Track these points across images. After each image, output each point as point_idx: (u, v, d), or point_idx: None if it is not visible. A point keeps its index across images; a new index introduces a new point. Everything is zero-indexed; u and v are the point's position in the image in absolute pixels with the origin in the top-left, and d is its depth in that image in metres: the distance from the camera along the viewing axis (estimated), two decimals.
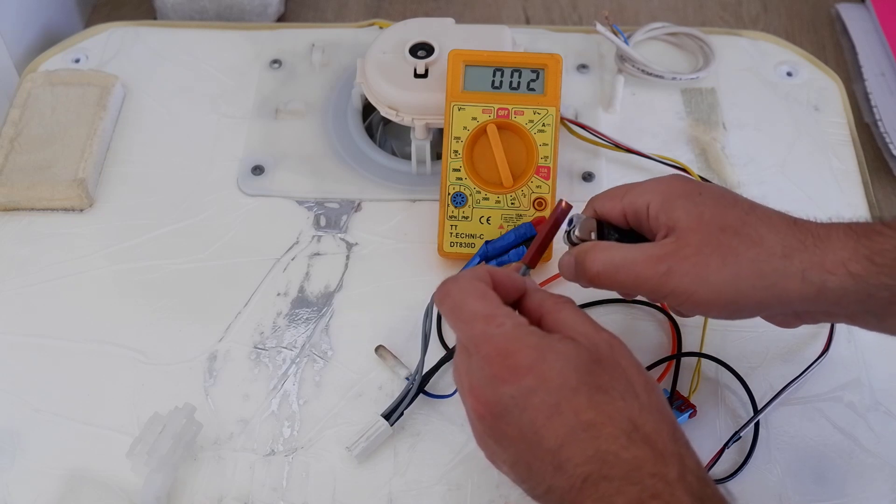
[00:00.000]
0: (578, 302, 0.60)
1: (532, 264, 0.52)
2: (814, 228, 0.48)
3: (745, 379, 0.57)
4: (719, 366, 0.58)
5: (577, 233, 0.53)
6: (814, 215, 0.65)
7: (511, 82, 0.63)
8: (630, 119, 0.72)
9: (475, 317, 0.45)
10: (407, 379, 0.57)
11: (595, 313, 0.60)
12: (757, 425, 0.56)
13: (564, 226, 0.53)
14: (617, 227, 0.53)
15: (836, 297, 0.47)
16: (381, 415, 0.55)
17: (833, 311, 0.49)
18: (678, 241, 0.48)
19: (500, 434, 0.44)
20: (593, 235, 0.53)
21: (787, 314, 0.52)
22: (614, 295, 0.57)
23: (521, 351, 0.44)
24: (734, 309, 0.48)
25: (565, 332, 0.45)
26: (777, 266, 0.47)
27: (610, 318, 0.60)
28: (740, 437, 0.55)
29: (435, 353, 0.58)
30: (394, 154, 0.71)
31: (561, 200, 0.52)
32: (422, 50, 0.66)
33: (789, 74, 0.75)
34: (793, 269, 0.47)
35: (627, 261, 0.49)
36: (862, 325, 0.50)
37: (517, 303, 0.48)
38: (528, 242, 0.61)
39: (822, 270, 0.46)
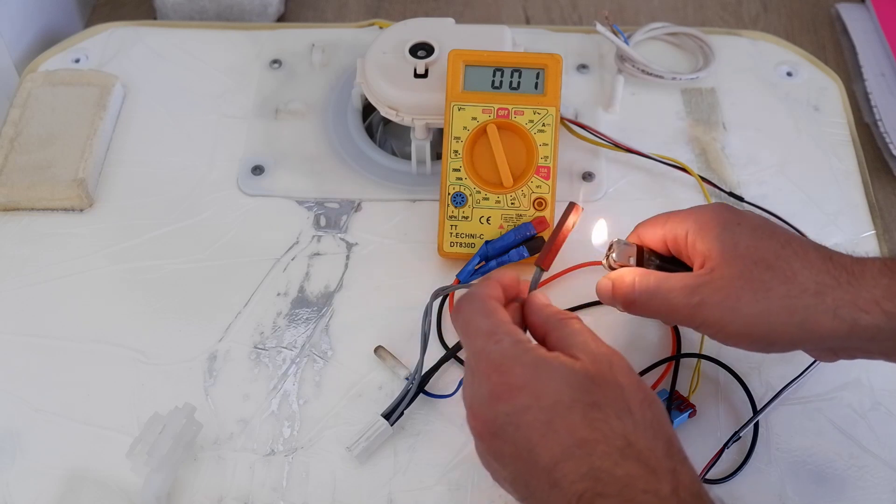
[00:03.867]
0: (580, 301, 0.61)
1: (545, 266, 0.53)
2: (848, 264, 0.48)
3: (744, 379, 0.57)
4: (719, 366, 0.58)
5: (615, 257, 0.53)
6: (814, 215, 0.65)
7: (511, 82, 0.63)
8: (630, 119, 0.72)
9: (477, 333, 0.46)
10: (406, 379, 0.57)
11: (597, 313, 0.60)
12: (756, 425, 0.56)
13: (604, 250, 0.54)
14: (659, 254, 0.54)
15: (870, 335, 0.46)
16: (381, 415, 0.55)
17: (868, 348, 0.49)
18: (712, 272, 0.48)
19: (497, 452, 0.45)
20: (632, 261, 0.53)
21: (823, 349, 0.52)
22: None
23: (515, 368, 0.44)
24: (766, 343, 0.48)
25: (567, 349, 0.46)
26: (808, 303, 0.46)
27: (611, 319, 0.60)
28: (740, 437, 0.55)
29: (435, 352, 0.58)
30: (394, 154, 0.70)
31: (573, 203, 0.53)
32: (422, 50, 0.66)
33: (789, 74, 0.75)
34: (824, 307, 0.46)
35: (662, 289, 0.49)
36: None
37: (525, 320, 0.49)
38: (528, 242, 0.61)
39: (855, 308, 0.46)
